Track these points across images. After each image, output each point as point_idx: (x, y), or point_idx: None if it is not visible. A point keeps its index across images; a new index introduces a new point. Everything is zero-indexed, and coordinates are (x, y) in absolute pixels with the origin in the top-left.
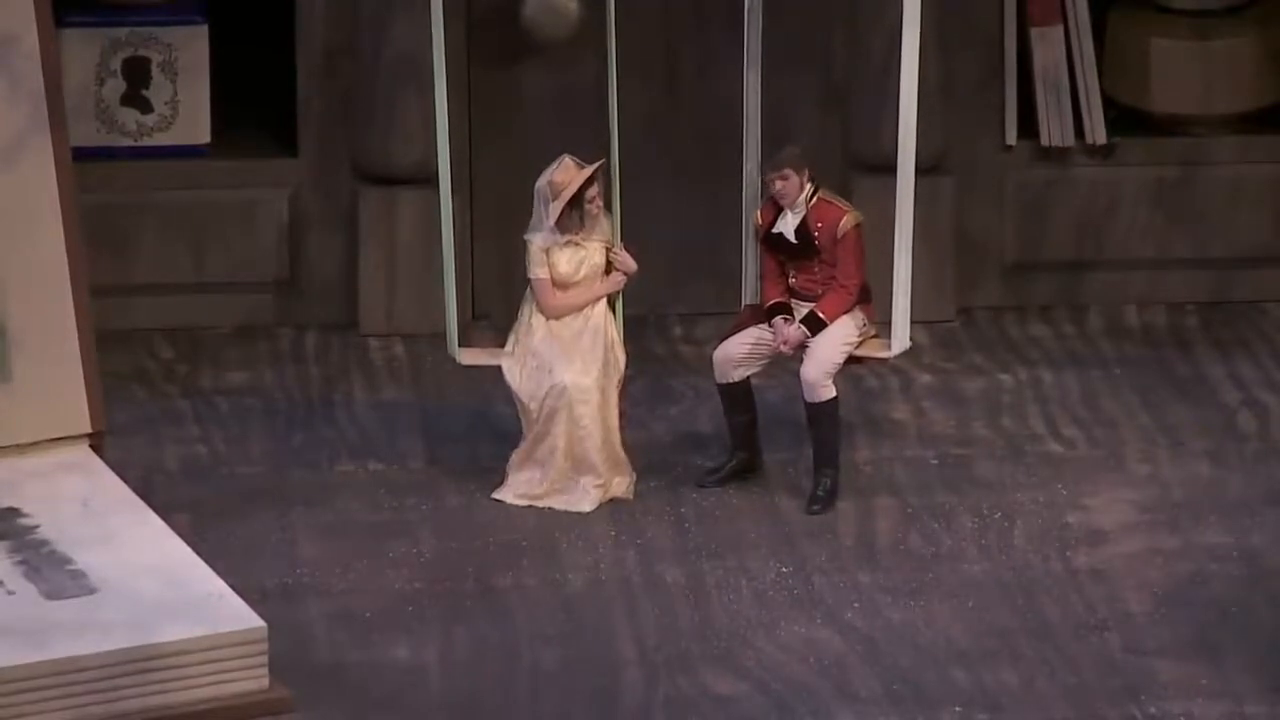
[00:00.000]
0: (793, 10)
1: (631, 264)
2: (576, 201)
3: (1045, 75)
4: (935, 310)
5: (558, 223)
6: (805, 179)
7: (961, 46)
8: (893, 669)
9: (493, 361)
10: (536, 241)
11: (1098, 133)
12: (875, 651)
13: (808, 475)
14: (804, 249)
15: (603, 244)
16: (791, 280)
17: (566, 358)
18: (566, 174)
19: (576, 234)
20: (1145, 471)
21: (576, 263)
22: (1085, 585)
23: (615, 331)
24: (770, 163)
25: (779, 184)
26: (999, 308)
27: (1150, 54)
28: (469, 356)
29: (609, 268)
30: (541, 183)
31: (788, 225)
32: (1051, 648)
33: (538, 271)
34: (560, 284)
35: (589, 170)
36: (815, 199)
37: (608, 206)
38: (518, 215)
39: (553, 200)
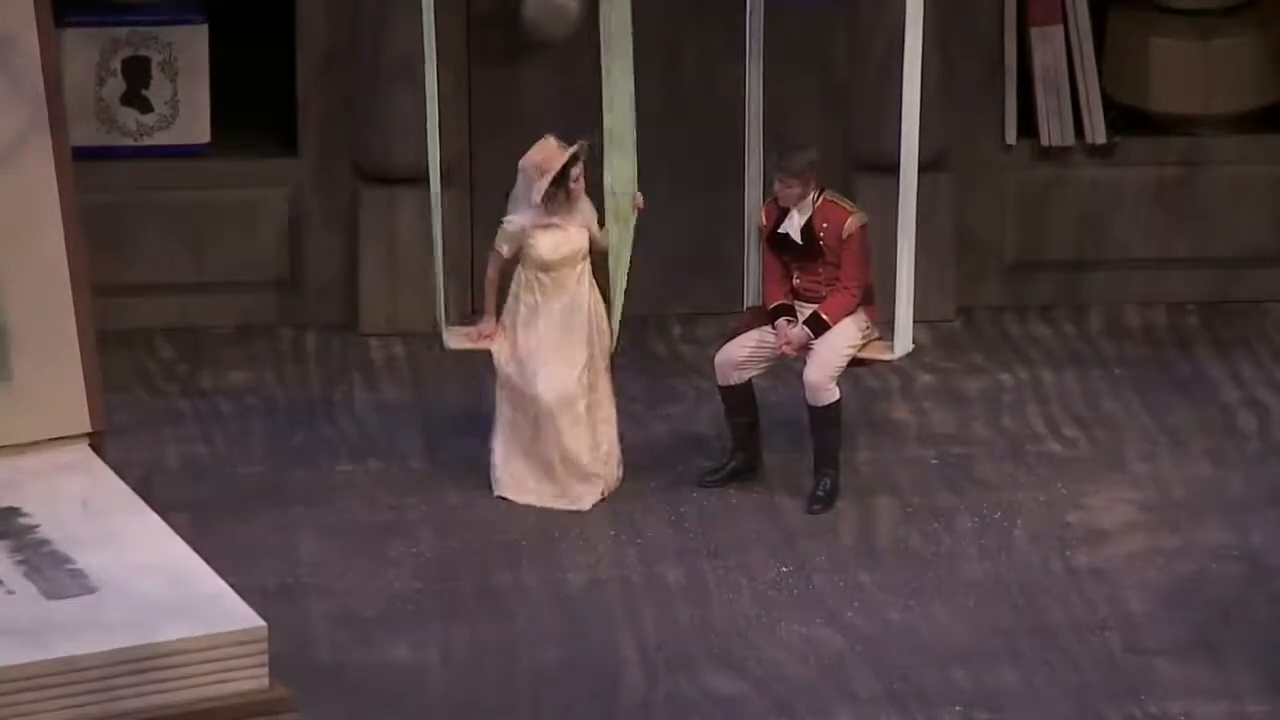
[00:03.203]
0: (793, 10)
1: (640, 202)
2: (560, 181)
3: (1045, 75)
4: (935, 310)
5: (543, 202)
6: (811, 186)
7: (961, 46)
8: (893, 669)
9: (480, 346)
10: (517, 221)
11: (1098, 133)
12: (875, 651)
13: (808, 475)
14: (809, 250)
15: (584, 228)
16: (795, 281)
17: (551, 361)
18: (549, 153)
19: (562, 214)
20: (1145, 471)
21: (555, 244)
22: (1085, 585)
23: (601, 310)
24: (784, 164)
25: (780, 188)
26: (999, 307)
27: (1150, 54)
28: (456, 340)
29: (591, 250)
30: (526, 162)
31: (793, 225)
32: (1052, 647)
33: (502, 246)
34: (540, 266)
35: (571, 150)
36: (821, 200)
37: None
38: None
39: (537, 180)
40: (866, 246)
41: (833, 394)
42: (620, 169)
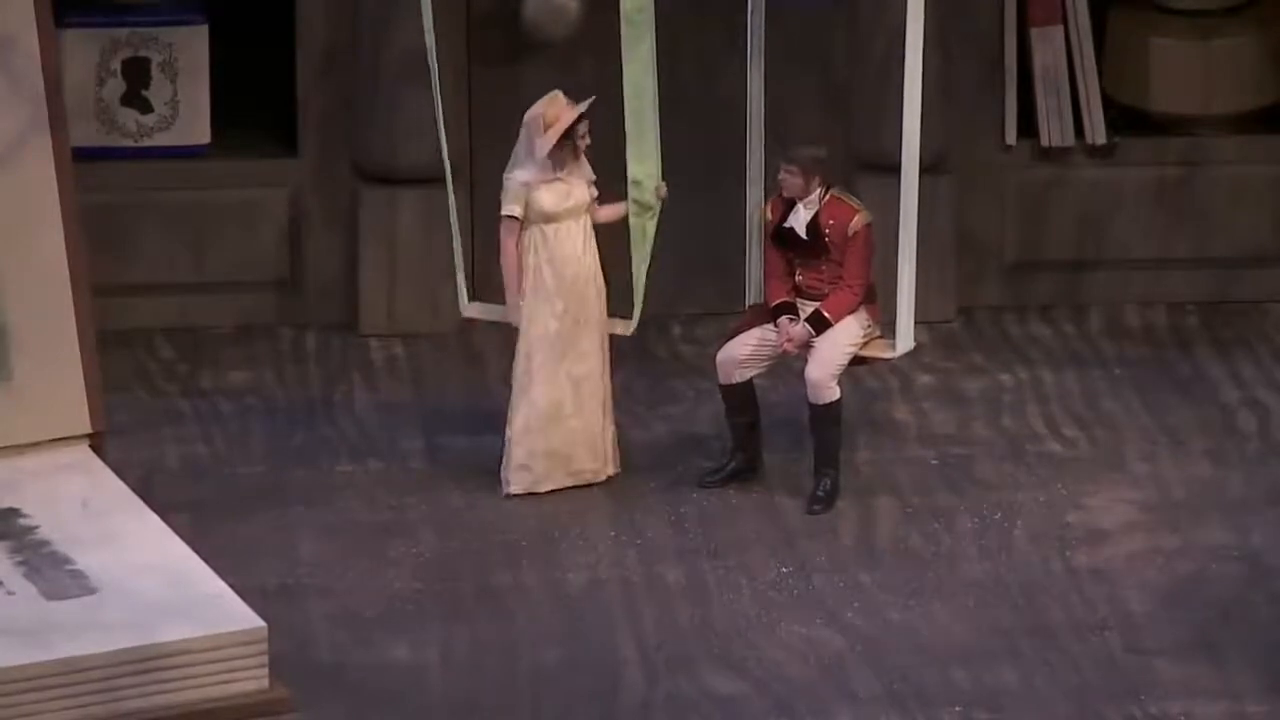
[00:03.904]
0: (793, 10)
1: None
2: (568, 136)
3: (1045, 75)
4: (935, 310)
5: (550, 155)
6: (815, 183)
7: (961, 46)
8: (893, 669)
9: (495, 318)
10: (519, 177)
11: (1098, 133)
12: (875, 651)
13: (808, 475)
14: (813, 246)
15: (585, 181)
16: (798, 278)
17: (571, 343)
18: (560, 108)
19: (566, 170)
20: (1145, 471)
21: (559, 197)
22: (1085, 585)
23: (601, 278)
24: (788, 153)
25: (783, 175)
26: (999, 308)
27: (1150, 54)
28: (473, 310)
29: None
30: (532, 115)
31: (799, 221)
32: (1052, 648)
33: (513, 208)
34: (544, 218)
35: (582, 106)
36: (828, 197)
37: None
38: None
39: (542, 133)
40: (871, 245)
41: (834, 392)
42: (643, 157)
